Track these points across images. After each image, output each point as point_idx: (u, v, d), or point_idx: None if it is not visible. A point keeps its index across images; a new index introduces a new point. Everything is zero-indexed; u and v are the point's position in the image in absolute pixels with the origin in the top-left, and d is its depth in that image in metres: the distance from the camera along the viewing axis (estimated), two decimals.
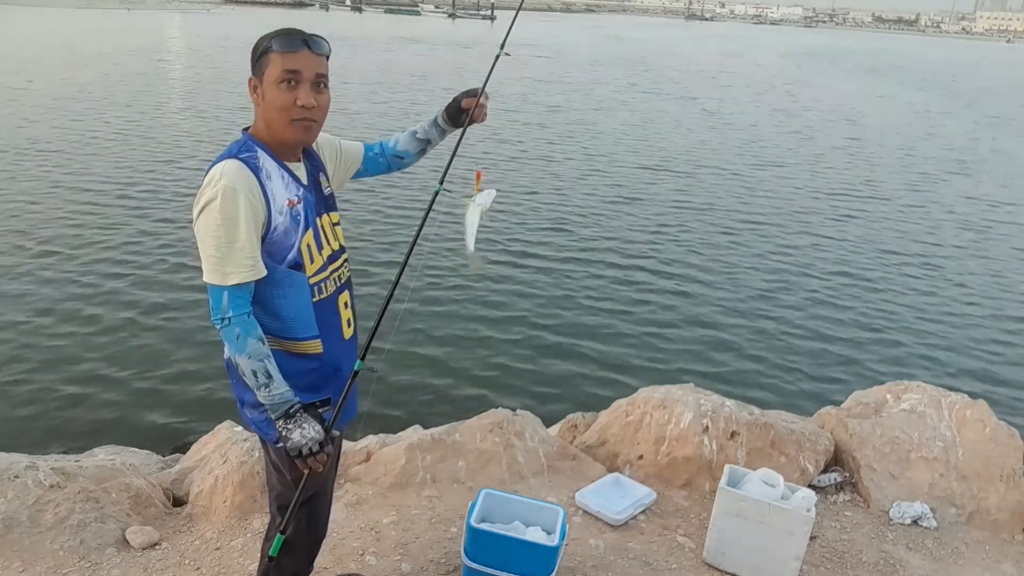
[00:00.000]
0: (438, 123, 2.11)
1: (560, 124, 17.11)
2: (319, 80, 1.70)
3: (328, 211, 1.88)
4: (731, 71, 35.08)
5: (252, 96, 1.71)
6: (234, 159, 1.66)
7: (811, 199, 11.64)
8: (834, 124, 19.93)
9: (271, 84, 1.66)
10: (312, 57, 1.68)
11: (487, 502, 2.66)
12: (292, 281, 1.74)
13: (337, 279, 1.88)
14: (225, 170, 1.63)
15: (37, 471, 2.77)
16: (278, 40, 1.66)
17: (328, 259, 1.84)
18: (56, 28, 36.80)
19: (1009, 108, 26.90)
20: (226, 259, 1.61)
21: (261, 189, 1.66)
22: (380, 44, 38.10)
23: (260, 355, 1.66)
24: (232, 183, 1.61)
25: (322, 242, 1.81)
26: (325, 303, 1.82)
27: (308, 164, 1.85)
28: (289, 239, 1.71)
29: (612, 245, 8.79)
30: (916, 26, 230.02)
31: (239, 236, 1.61)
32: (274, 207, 1.68)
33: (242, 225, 1.61)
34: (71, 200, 9.23)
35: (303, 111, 1.68)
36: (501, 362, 5.91)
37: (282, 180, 1.72)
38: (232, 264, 1.62)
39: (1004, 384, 6.14)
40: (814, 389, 5.81)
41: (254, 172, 1.66)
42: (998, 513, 3.29)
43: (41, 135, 12.81)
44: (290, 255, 1.72)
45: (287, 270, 1.72)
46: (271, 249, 1.69)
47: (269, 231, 1.68)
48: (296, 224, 1.73)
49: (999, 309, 7.68)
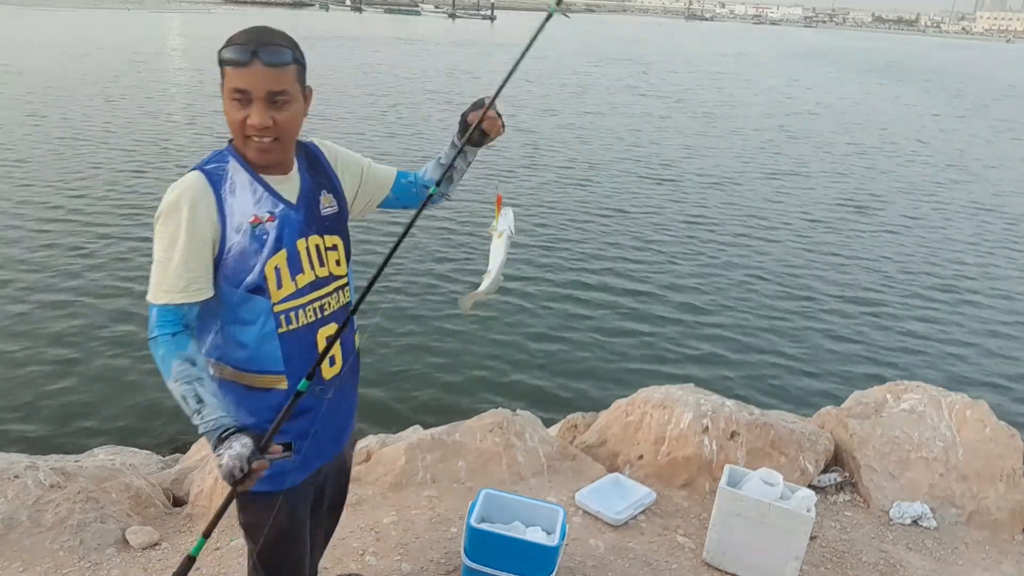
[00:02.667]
0: (455, 144, 1.87)
1: (562, 122, 17.11)
2: (274, 97, 1.51)
3: (322, 233, 1.69)
4: (732, 72, 35.07)
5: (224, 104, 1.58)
6: (198, 170, 1.55)
7: (810, 199, 11.64)
8: (834, 124, 19.93)
9: (226, 98, 1.52)
10: (264, 72, 1.48)
11: (487, 502, 2.66)
12: (251, 307, 1.58)
13: (318, 310, 1.68)
14: (181, 182, 1.53)
15: (37, 471, 2.77)
16: (227, 52, 1.50)
17: (309, 286, 1.65)
18: (56, 28, 36.81)
19: (1014, 110, 26.88)
20: (159, 276, 1.51)
21: (218, 205, 1.53)
22: (376, 44, 38.09)
23: (188, 377, 1.47)
24: (179, 197, 1.50)
25: (302, 266, 1.63)
26: (295, 335, 1.63)
27: (307, 179, 1.68)
28: (248, 260, 1.55)
29: (612, 245, 8.79)
30: (916, 26, 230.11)
31: (174, 255, 1.49)
32: (230, 225, 1.54)
33: (180, 243, 1.49)
34: (78, 194, 9.23)
35: (255, 131, 1.52)
36: (501, 362, 5.91)
37: (252, 195, 1.57)
38: (163, 283, 1.51)
39: (1004, 384, 6.14)
40: (814, 389, 5.81)
41: (214, 185, 1.54)
42: (998, 513, 3.29)
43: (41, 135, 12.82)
44: (249, 278, 1.56)
45: (245, 294, 1.56)
46: (226, 271, 1.55)
47: (223, 251, 1.54)
48: (260, 244, 1.56)
49: (999, 309, 7.68)
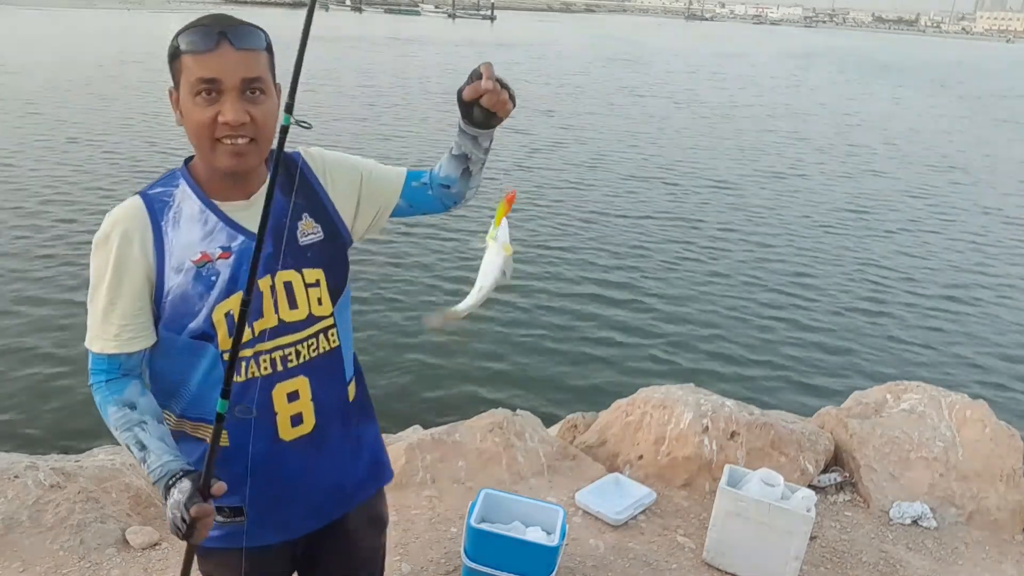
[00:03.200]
0: (462, 129, 1.46)
1: (563, 119, 17.12)
2: (250, 86, 1.24)
3: (299, 267, 1.38)
4: (732, 72, 35.08)
5: (174, 113, 1.29)
6: (140, 196, 1.31)
7: (810, 200, 11.65)
8: (835, 125, 19.94)
9: (187, 96, 1.24)
10: (236, 57, 1.22)
11: (487, 502, 2.66)
12: (194, 352, 1.33)
13: (280, 361, 1.37)
14: (116, 210, 1.30)
15: (37, 471, 2.77)
16: (188, 37, 1.22)
17: (271, 332, 1.35)
18: (55, 29, 36.83)
19: (1016, 111, 26.88)
20: (90, 318, 1.32)
21: (155, 239, 1.28)
22: (376, 44, 38.10)
23: (127, 423, 1.29)
24: (110, 229, 1.28)
25: (261, 309, 1.33)
26: (244, 388, 1.34)
27: (279, 201, 1.34)
28: (190, 305, 1.30)
29: (612, 245, 8.79)
30: (916, 26, 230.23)
31: (100, 296, 1.29)
32: (168, 263, 1.29)
33: (106, 283, 1.28)
34: (78, 194, 9.23)
35: (229, 129, 1.23)
36: (501, 362, 5.92)
37: (201, 227, 1.30)
38: (93, 327, 1.31)
39: (1004, 384, 6.14)
40: (814, 389, 5.81)
41: (153, 215, 1.29)
42: (998, 513, 3.29)
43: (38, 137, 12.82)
44: (193, 324, 1.31)
45: (188, 340, 1.32)
46: (165, 316, 1.32)
47: (161, 294, 1.30)
48: (207, 286, 1.30)
49: (1000, 309, 7.68)
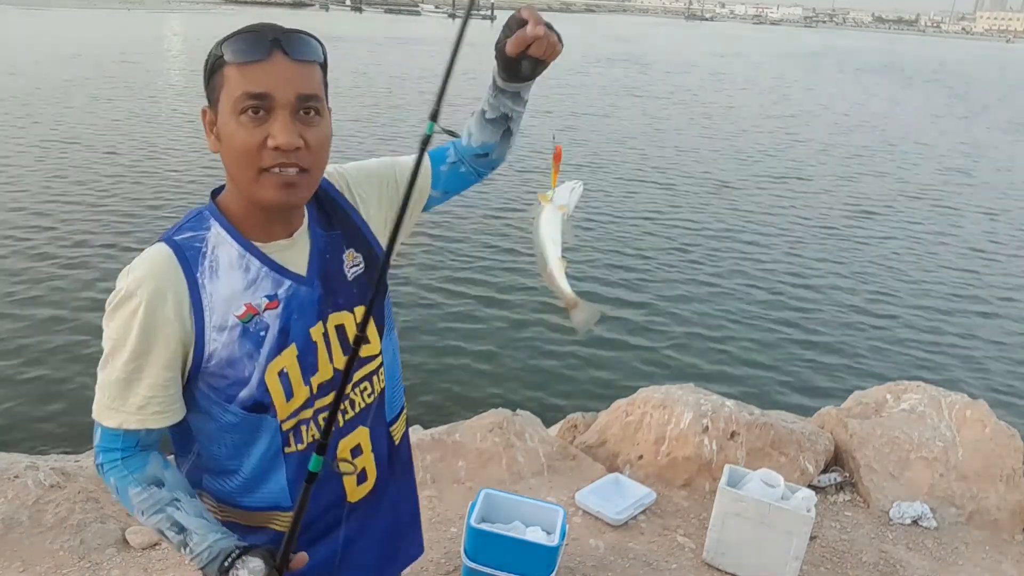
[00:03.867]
0: (497, 86, 1.28)
1: (557, 124, 17.11)
2: (305, 104, 1.04)
3: (349, 306, 1.20)
4: (731, 73, 35.08)
5: (208, 137, 1.09)
6: (164, 243, 1.08)
7: (811, 201, 11.64)
8: (835, 126, 19.94)
9: (228, 116, 1.03)
10: (292, 69, 1.04)
11: (487, 502, 2.66)
12: (248, 428, 1.12)
13: (341, 413, 1.20)
14: (140, 261, 1.07)
15: (37, 471, 2.77)
16: (234, 45, 1.03)
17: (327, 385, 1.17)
18: (54, 29, 36.84)
19: (1017, 112, 26.89)
20: (103, 388, 1.08)
21: (191, 295, 1.06)
22: (375, 44, 38.12)
23: (157, 504, 1.09)
24: (135, 285, 1.04)
25: (317, 362, 1.15)
26: (306, 456, 1.11)
27: (319, 236, 1.18)
28: (239, 369, 1.09)
29: (611, 245, 8.79)
30: (916, 26, 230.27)
31: (118, 363, 1.06)
32: (209, 322, 1.07)
33: (130, 349, 1.05)
34: (77, 194, 9.22)
35: (279, 156, 1.03)
36: (501, 362, 5.92)
37: (242, 274, 1.10)
38: (109, 398, 1.08)
39: (1004, 384, 6.14)
40: (814, 389, 5.81)
41: (186, 265, 1.07)
42: (998, 513, 3.29)
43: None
44: (244, 392, 1.09)
45: (240, 412, 1.11)
46: (209, 384, 1.10)
47: (202, 359, 1.07)
48: (257, 344, 1.09)
49: (1000, 309, 7.68)
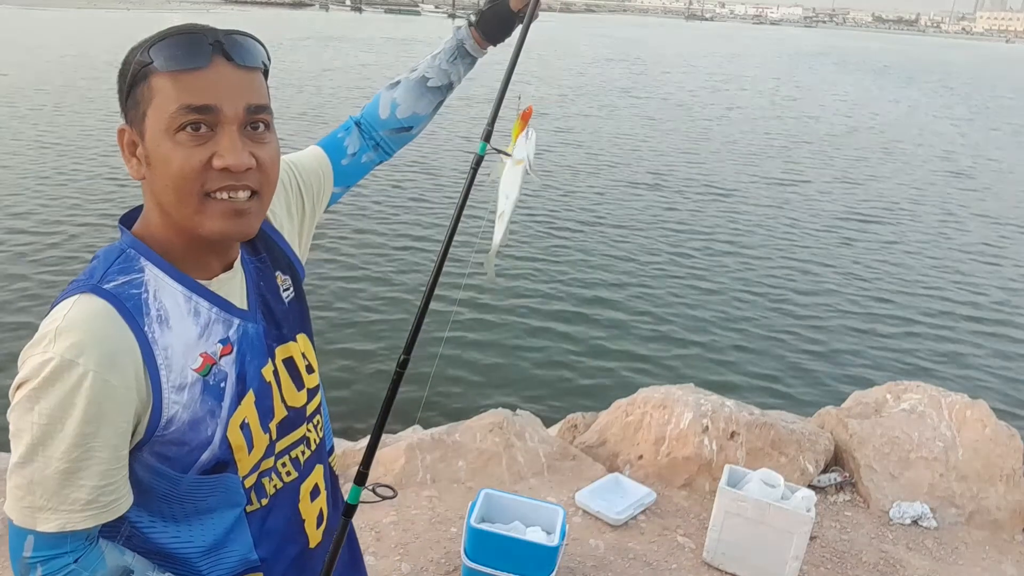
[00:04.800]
0: (467, 52, 1.26)
1: (564, 121, 17.12)
2: (255, 117, 0.91)
3: (292, 336, 1.08)
4: (731, 73, 35.09)
5: (128, 162, 0.91)
6: (92, 295, 0.87)
7: (811, 202, 11.65)
8: (836, 127, 19.94)
9: (161, 135, 0.86)
10: (237, 76, 0.89)
11: (487, 502, 2.66)
12: (210, 492, 0.96)
13: (299, 457, 1.08)
14: (72, 322, 0.84)
15: None
16: (166, 50, 0.86)
17: (281, 428, 1.04)
18: (54, 29, 36.84)
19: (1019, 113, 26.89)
20: (41, 487, 0.84)
21: (144, 354, 0.87)
22: (374, 44, 38.10)
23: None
24: (75, 353, 0.82)
25: (272, 405, 1.02)
26: (272, 509, 1.04)
27: (249, 264, 1.05)
28: (202, 431, 0.92)
29: (611, 246, 8.79)
30: (916, 26, 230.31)
31: (53, 456, 0.83)
32: (167, 384, 0.89)
33: (69, 437, 0.83)
34: (77, 194, 9.22)
35: (227, 178, 0.88)
36: (501, 362, 5.92)
37: (194, 321, 0.93)
38: (50, 496, 0.85)
39: (1004, 384, 6.14)
40: (814, 389, 5.81)
41: (131, 320, 0.87)
42: (998, 513, 3.29)
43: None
44: (205, 456, 0.93)
45: (197, 479, 0.94)
46: (167, 452, 0.92)
47: (157, 427, 0.89)
48: (218, 398, 0.94)
49: (1000, 309, 7.68)
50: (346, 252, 7.85)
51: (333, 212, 9.17)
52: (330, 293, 6.79)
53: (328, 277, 7.16)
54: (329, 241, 8.14)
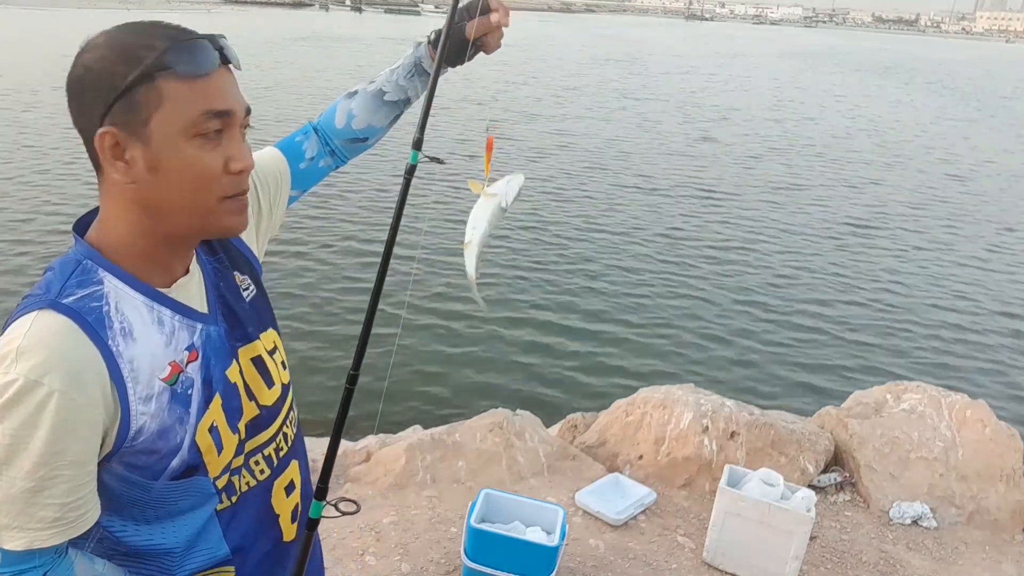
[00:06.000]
0: (424, 70, 1.27)
1: (566, 123, 17.11)
2: (247, 119, 0.95)
3: (256, 335, 1.08)
4: (731, 73, 35.09)
5: (112, 165, 0.88)
6: (54, 310, 0.85)
7: (812, 203, 11.65)
8: (836, 129, 19.94)
9: (176, 139, 0.87)
10: (233, 78, 0.93)
11: (487, 502, 2.66)
12: (180, 496, 0.96)
13: (273, 455, 1.10)
14: (33, 342, 0.82)
15: None
16: (182, 54, 0.86)
17: (251, 428, 1.05)
18: (53, 28, 36.85)
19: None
20: (3, 507, 0.84)
21: (110, 369, 0.86)
22: (373, 44, 38.10)
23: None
24: (39, 373, 0.81)
25: (240, 405, 1.03)
26: (243, 506, 1.05)
27: (207, 265, 1.04)
28: (171, 438, 0.92)
29: (612, 245, 8.79)
30: (916, 26, 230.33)
31: (40, 471, 0.83)
32: (134, 395, 0.88)
33: (33, 456, 0.82)
34: (79, 196, 9.22)
35: (240, 181, 0.93)
36: (501, 362, 5.92)
37: (158, 330, 0.93)
38: (14, 515, 0.84)
39: (1004, 384, 6.15)
40: (814, 389, 5.81)
41: (94, 335, 0.86)
42: (998, 513, 3.29)
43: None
44: (174, 462, 0.93)
45: (167, 484, 0.94)
46: (136, 462, 0.91)
47: (125, 439, 0.88)
48: (185, 405, 0.94)
49: (1000, 309, 7.69)
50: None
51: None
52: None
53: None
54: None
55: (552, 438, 3.57)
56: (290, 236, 8.09)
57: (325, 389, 5.04)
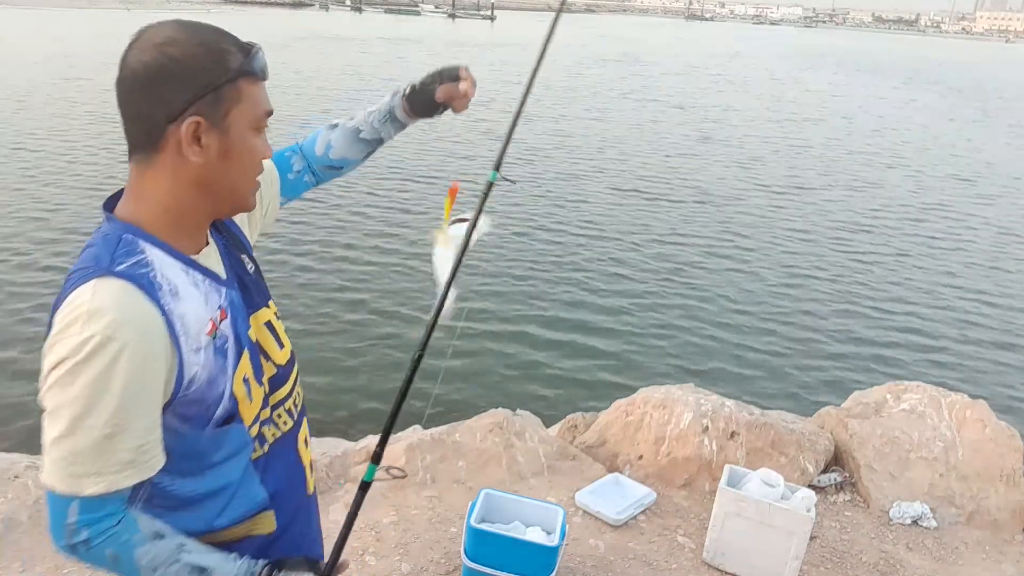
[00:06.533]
0: (397, 119, 1.42)
1: (564, 117, 17.11)
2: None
3: (264, 303, 1.20)
4: (730, 74, 35.07)
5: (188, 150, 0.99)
6: (112, 276, 0.94)
7: (812, 203, 11.65)
8: (837, 129, 19.94)
9: (245, 132, 1.03)
10: None
11: (487, 502, 2.66)
12: (223, 443, 1.08)
13: (292, 409, 1.23)
14: (101, 300, 0.92)
15: (37, 471, 2.77)
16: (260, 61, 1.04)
17: (272, 383, 1.17)
18: (53, 29, 36.83)
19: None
20: (84, 455, 0.93)
21: (166, 326, 0.97)
22: (373, 44, 38.08)
23: (169, 556, 1.02)
24: (113, 329, 0.91)
25: (262, 361, 1.15)
26: (274, 455, 1.18)
27: (218, 240, 1.16)
28: (218, 387, 1.04)
29: (612, 245, 8.79)
30: (916, 26, 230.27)
31: (118, 418, 0.93)
32: (186, 348, 0.99)
33: (130, 398, 0.93)
34: (80, 199, 9.22)
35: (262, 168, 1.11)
36: (501, 362, 5.92)
37: (197, 292, 1.04)
38: (92, 462, 0.93)
39: (1004, 384, 6.15)
40: (814, 389, 5.81)
41: (151, 295, 0.96)
42: (998, 513, 3.29)
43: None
44: (218, 410, 1.05)
45: (214, 431, 1.06)
46: (187, 413, 1.03)
47: (179, 389, 1.00)
48: (224, 357, 1.05)
49: (1000, 309, 7.69)
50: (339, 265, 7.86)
51: (324, 211, 9.17)
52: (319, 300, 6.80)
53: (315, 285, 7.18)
54: (313, 257, 8.14)
55: (552, 438, 3.57)
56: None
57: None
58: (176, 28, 0.99)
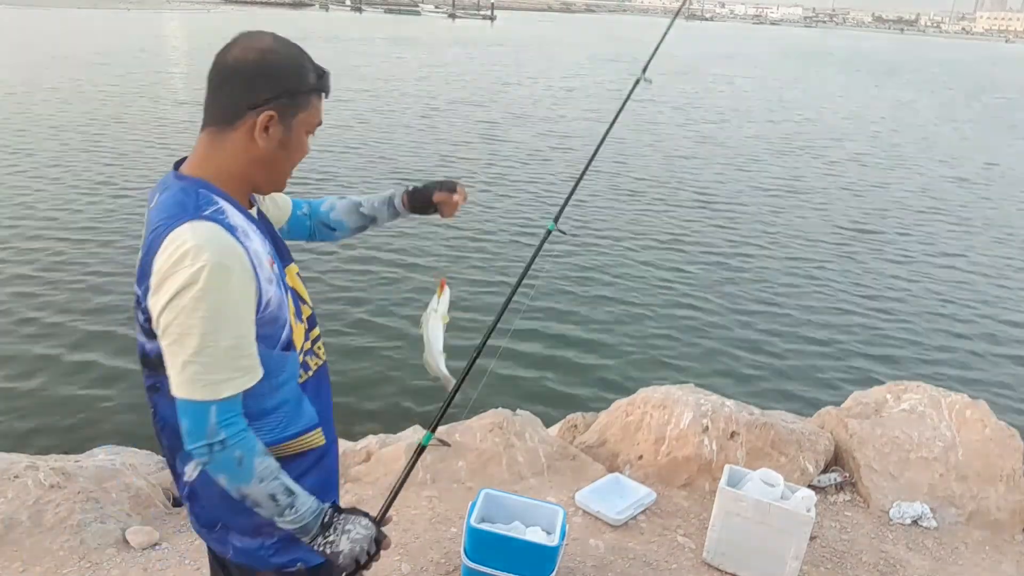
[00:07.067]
0: (394, 206, 1.70)
1: (562, 118, 17.11)
2: None
3: (291, 260, 1.45)
4: (730, 74, 35.05)
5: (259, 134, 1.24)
6: (200, 220, 1.18)
7: (812, 203, 11.65)
8: (837, 130, 19.93)
9: (302, 133, 1.30)
10: None
11: (487, 502, 2.66)
12: (284, 366, 1.32)
13: (322, 348, 1.49)
14: (201, 237, 1.15)
15: (37, 471, 2.77)
16: (326, 81, 1.31)
17: (309, 322, 1.44)
18: (54, 28, 36.82)
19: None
20: (216, 364, 1.17)
21: (248, 256, 1.21)
22: (372, 44, 38.06)
23: (272, 472, 1.23)
24: (220, 257, 1.15)
25: (299, 303, 1.40)
26: (316, 381, 1.43)
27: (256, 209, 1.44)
28: (283, 311, 1.30)
29: (611, 246, 8.79)
30: (916, 26, 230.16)
31: (235, 330, 1.18)
32: (262, 277, 1.24)
33: (239, 314, 1.19)
34: (69, 198, 9.22)
35: None
36: (501, 362, 5.91)
37: (256, 235, 1.28)
38: (224, 369, 1.18)
39: (1004, 384, 6.14)
40: (814, 389, 5.81)
41: (232, 233, 1.20)
42: (998, 513, 3.29)
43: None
44: (284, 332, 1.31)
45: (280, 353, 1.31)
46: (265, 331, 1.26)
47: (259, 309, 1.24)
48: (282, 290, 1.31)
49: (1000, 309, 7.68)
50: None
51: None
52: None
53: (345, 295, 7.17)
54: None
55: (552, 438, 3.57)
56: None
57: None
58: (275, 40, 1.26)
